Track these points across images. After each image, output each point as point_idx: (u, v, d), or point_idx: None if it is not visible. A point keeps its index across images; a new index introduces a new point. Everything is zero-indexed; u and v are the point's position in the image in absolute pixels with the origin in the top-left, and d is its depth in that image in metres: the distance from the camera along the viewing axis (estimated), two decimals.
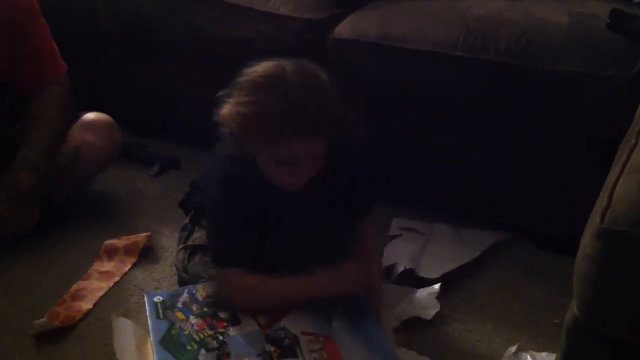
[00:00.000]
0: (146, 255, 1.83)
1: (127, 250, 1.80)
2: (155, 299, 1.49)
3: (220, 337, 1.41)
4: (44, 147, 1.83)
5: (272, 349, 1.39)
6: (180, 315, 1.46)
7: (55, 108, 1.90)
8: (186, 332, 1.41)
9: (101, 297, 1.68)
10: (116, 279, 1.74)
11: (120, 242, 1.83)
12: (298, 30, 1.96)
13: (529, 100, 1.75)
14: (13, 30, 1.82)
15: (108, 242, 1.82)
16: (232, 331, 1.42)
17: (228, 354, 1.37)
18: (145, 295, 1.52)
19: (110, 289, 1.71)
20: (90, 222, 1.96)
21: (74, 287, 1.70)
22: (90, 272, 1.75)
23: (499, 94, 1.78)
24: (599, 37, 1.71)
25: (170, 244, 1.86)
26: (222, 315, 1.46)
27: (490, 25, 1.80)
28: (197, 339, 1.40)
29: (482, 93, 1.80)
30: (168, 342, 1.39)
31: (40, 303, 1.65)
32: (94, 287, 1.70)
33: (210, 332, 1.42)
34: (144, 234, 1.85)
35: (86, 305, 1.64)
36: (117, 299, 1.68)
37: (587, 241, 1.15)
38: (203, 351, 1.37)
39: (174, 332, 1.41)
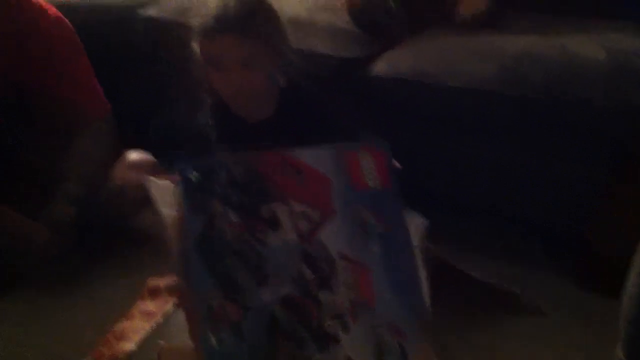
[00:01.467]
0: None
1: (170, 290, 1.82)
2: (192, 176, 1.34)
3: (259, 249, 1.32)
4: (84, 181, 1.88)
5: (310, 275, 1.32)
6: (218, 205, 1.33)
7: (98, 144, 1.95)
8: (224, 235, 1.32)
9: (144, 338, 1.69)
10: (159, 319, 1.75)
11: (162, 281, 1.84)
12: (335, 68, 1.99)
13: (565, 136, 1.75)
14: (53, 65, 1.88)
15: (151, 281, 1.84)
16: (271, 238, 1.33)
17: (266, 275, 1.31)
18: (175, 163, 1.36)
19: (152, 329, 1.72)
20: (131, 259, 1.97)
21: (118, 326, 1.72)
22: (134, 312, 1.77)
23: (535, 129, 1.79)
24: (635, 73, 1.71)
25: None
26: (262, 212, 1.34)
27: (525, 61, 1.81)
28: (237, 247, 1.31)
29: (517, 128, 1.81)
30: (204, 248, 1.30)
31: (83, 339, 1.66)
32: (137, 327, 1.71)
33: (250, 239, 1.32)
34: None
35: (130, 346, 1.65)
36: (159, 340, 1.69)
37: (632, 281, 1.15)
38: (239, 266, 1.31)
39: (211, 233, 1.32)
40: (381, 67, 1.94)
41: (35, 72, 1.87)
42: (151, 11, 2.35)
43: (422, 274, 1.43)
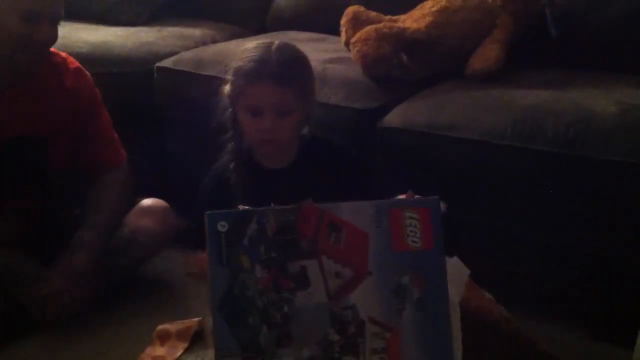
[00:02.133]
0: (197, 340, 1.82)
1: (179, 336, 1.80)
2: (220, 227, 1.28)
3: (285, 308, 1.27)
4: (100, 230, 1.89)
5: (336, 337, 1.27)
6: (245, 260, 1.28)
7: (113, 193, 1.96)
8: (249, 292, 1.27)
9: None
10: None
11: (172, 327, 1.83)
12: (348, 119, 2.01)
13: (577, 190, 1.75)
14: (76, 117, 1.90)
15: (160, 327, 1.83)
16: (298, 297, 1.28)
17: (290, 336, 1.26)
18: (206, 216, 1.29)
19: None
20: (142, 305, 1.97)
21: None
22: (143, 357, 1.76)
23: (547, 183, 1.79)
24: None
25: None
26: (291, 268, 1.28)
27: (538, 114, 1.82)
28: (261, 305, 1.27)
29: (529, 181, 1.81)
30: (229, 306, 1.26)
31: None
32: None
33: (275, 297, 1.27)
34: (196, 319, 1.86)
35: None
36: None
37: None
38: (265, 329, 1.26)
39: (236, 290, 1.27)
40: (394, 118, 1.96)
41: (59, 125, 1.89)
42: (168, 63, 2.40)
43: (457, 332, 1.36)
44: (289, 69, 1.63)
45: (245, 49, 1.69)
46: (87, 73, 1.97)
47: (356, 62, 2.13)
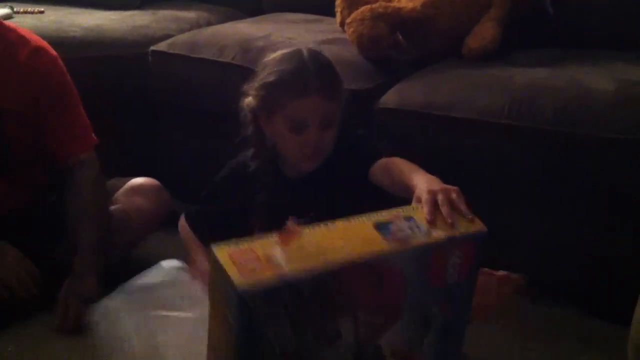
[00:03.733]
0: None
1: None
2: (250, 301, 1.04)
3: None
4: (97, 246, 1.85)
5: None
6: (278, 330, 1.09)
7: (94, 202, 1.89)
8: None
9: None
10: None
11: None
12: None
13: (575, 167, 1.75)
14: (35, 95, 1.83)
15: None
16: (327, 351, 1.14)
17: None
18: (237, 294, 1.04)
19: None
20: None
21: None
22: None
23: (545, 161, 1.78)
24: None
25: None
26: (327, 328, 1.13)
27: (536, 93, 1.81)
28: None
29: (528, 160, 1.80)
30: None
31: None
32: None
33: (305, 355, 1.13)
34: None
35: None
36: None
37: None
38: None
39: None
40: (391, 99, 1.95)
41: (12, 99, 1.82)
42: (162, 46, 2.38)
43: None
44: (330, 79, 1.58)
45: (272, 59, 1.62)
46: (53, 54, 1.89)
47: (352, 42, 2.12)
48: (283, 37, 2.25)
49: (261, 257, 1.07)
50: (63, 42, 2.29)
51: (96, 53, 2.35)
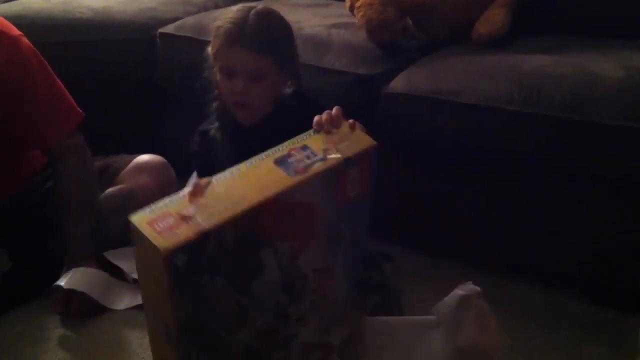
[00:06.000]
0: None
1: None
2: (179, 261, 1.11)
3: (243, 300, 1.24)
4: (87, 238, 1.86)
5: (285, 299, 1.30)
6: (205, 280, 1.18)
7: (78, 194, 1.88)
8: (213, 311, 1.21)
9: None
10: None
11: None
12: (352, 85, 1.99)
13: (582, 154, 1.75)
14: (9, 87, 1.78)
15: None
16: (255, 285, 1.25)
17: (246, 317, 1.26)
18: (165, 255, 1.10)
19: None
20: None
21: None
22: None
23: (552, 148, 1.78)
24: None
25: None
26: (249, 263, 1.23)
27: (543, 80, 1.81)
28: (222, 311, 1.23)
29: (534, 147, 1.80)
30: (195, 333, 1.20)
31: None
32: None
33: (235, 296, 1.24)
34: None
35: None
36: None
37: None
38: (225, 324, 1.25)
39: (201, 315, 1.21)
40: (399, 84, 1.95)
41: None
42: (170, 29, 2.38)
43: None
44: (265, 35, 1.64)
45: (230, 9, 1.72)
46: (12, 35, 1.81)
47: (360, 27, 2.11)
48: (291, 20, 2.23)
49: (177, 217, 1.14)
50: (70, 24, 2.30)
51: (104, 35, 2.35)
